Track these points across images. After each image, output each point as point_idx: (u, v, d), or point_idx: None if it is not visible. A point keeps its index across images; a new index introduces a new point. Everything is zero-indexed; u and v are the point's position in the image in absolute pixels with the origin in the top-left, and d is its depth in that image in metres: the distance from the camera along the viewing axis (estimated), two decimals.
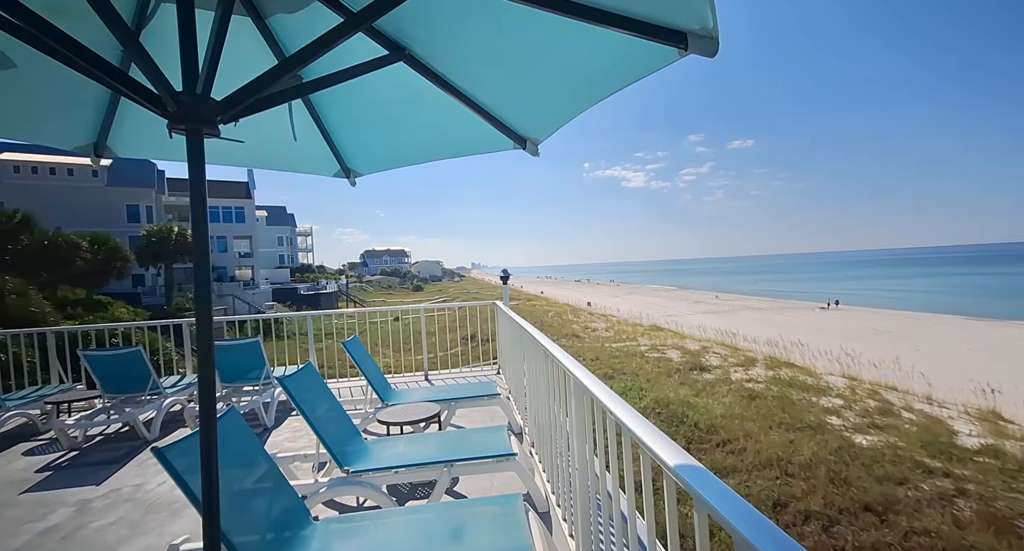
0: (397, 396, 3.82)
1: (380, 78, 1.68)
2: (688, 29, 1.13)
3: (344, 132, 2.33)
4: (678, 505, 1.04)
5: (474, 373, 5.46)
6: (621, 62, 1.41)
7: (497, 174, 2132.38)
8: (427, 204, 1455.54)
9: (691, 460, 1.00)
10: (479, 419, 3.99)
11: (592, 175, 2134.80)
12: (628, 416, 1.32)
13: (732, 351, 12.87)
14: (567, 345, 14.47)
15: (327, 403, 2.89)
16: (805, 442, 5.99)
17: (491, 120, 1.92)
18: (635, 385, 9.25)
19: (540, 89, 1.76)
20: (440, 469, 2.45)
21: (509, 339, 4.25)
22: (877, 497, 4.58)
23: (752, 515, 0.78)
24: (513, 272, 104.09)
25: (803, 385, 8.99)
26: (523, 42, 1.57)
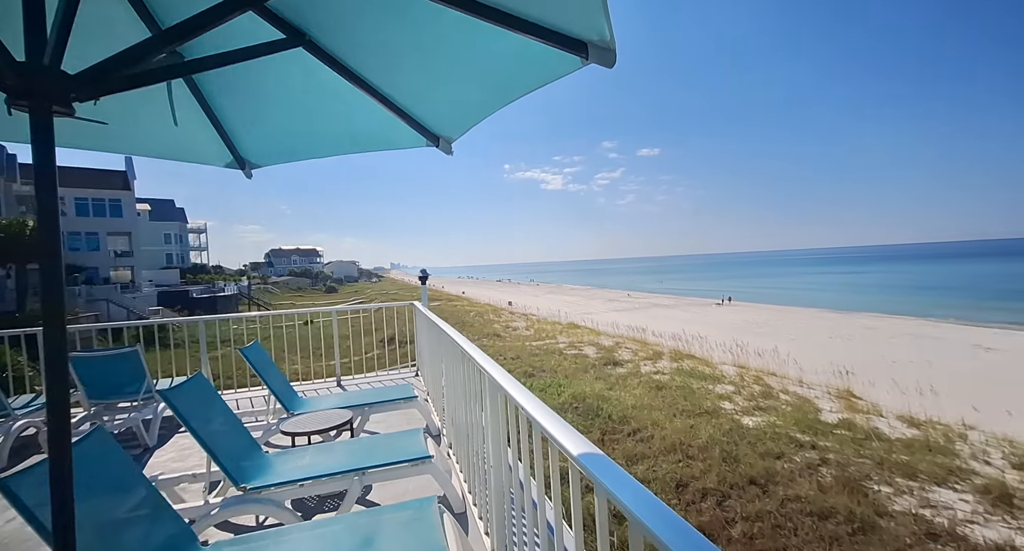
0: (304, 404, 3.58)
1: (279, 65, 1.57)
2: (588, 39, 1.20)
3: (238, 120, 2.13)
4: (588, 492, 1.09)
5: (391, 376, 5.29)
6: (529, 66, 1.45)
7: (415, 172, 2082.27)
8: (340, 201, 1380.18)
9: (594, 450, 1.05)
10: (396, 423, 3.87)
11: (513, 176, 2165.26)
12: (539, 411, 1.35)
13: (642, 346, 13.78)
14: (489, 345, 14.55)
15: (221, 416, 2.62)
16: (703, 426, 6.56)
17: (402, 116, 1.88)
18: (554, 382, 9.53)
19: (451, 87, 1.75)
20: (351, 478, 2.33)
21: (427, 340, 4.17)
22: (760, 471, 5.14)
23: (645, 497, 0.83)
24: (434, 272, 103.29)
25: (702, 375, 9.84)
26: (432, 38, 1.55)
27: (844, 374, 10.09)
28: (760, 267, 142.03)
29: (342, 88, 1.77)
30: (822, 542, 3.87)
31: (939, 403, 8.11)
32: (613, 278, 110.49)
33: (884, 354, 15.41)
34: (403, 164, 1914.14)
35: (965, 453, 5.65)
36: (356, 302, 37.55)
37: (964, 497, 4.58)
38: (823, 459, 5.47)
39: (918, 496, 4.61)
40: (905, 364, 13.70)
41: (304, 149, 2.33)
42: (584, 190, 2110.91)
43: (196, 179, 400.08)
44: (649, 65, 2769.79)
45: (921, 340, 18.06)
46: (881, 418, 7.11)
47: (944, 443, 5.95)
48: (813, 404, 7.81)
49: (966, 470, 5.15)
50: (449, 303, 36.12)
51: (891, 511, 4.32)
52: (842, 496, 4.52)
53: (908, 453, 5.58)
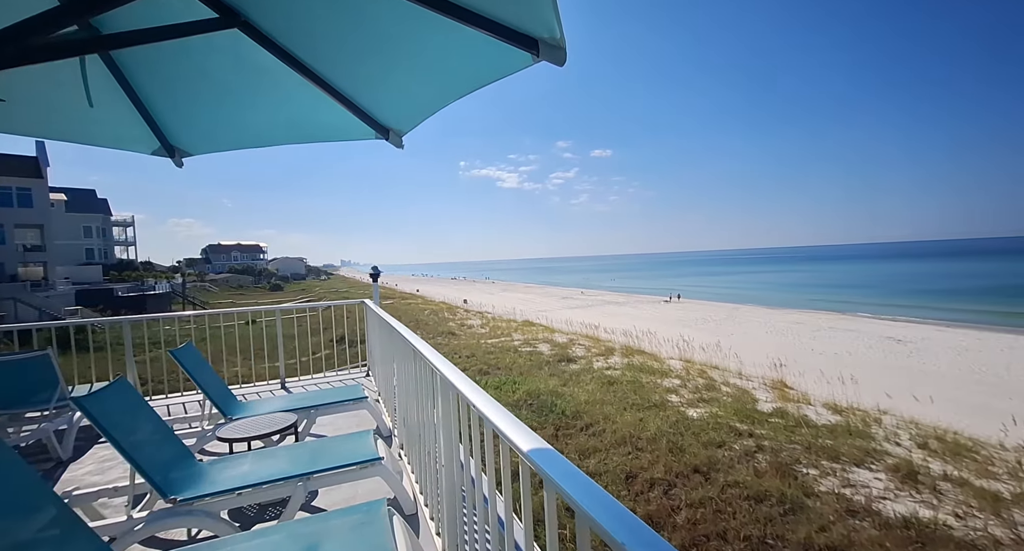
0: (244, 409, 3.38)
1: (212, 46, 1.45)
2: (539, 36, 1.19)
3: (167, 105, 1.96)
4: (540, 487, 1.09)
5: (340, 377, 5.10)
6: (480, 60, 1.44)
7: (369, 167, 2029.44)
8: (288, 195, 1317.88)
9: (543, 445, 1.05)
10: (345, 426, 3.73)
11: (468, 174, 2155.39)
12: (490, 409, 1.34)
13: (595, 342, 14.11)
14: (444, 343, 14.39)
15: (147, 424, 2.42)
16: (651, 419, 6.80)
17: (350, 106, 1.80)
18: (509, 379, 9.56)
19: (401, 79, 1.70)
20: (294, 484, 2.22)
21: (379, 339, 4.05)
22: (703, 460, 5.40)
23: (592, 490, 0.84)
24: (388, 270, 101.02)
25: (651, 369, 10.20)
26: (382, 28, 1.49)
27: (778, 366, 10.81)
28: (707, 266, 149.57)
29: (283, 75, 1.67)
30: (757, 523, 4.11)
31: (858, 391, 8.87)
32: (567, 276, 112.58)
33: (811, 347, 16.67)
34: (356, 158, 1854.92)
35: (880, 436, 6.21)
36: (304, 300, 35.98)
37: (878, 476, 5.03)
38: (759, 446, 5.82)
39: (840, 477, 5.01)
40: (829, 355, 14.88)
41: (242, 138, 2.17)
42: (539, 189, 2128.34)
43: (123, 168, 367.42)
44: (602, 67, 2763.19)
45: (841, 333, 19.69)
46: (809, 406, 7.66)
47: (862, 427, 6.50)
48: (751, 395, 8.30)
49: (880, 451, 5.65)
50: (403, 301, 35.39)
51: (817, 492, 4.66)
52: (775, 480, 4.83)
53: (832, 437, 6.05)
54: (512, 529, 1.24)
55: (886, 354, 15.25)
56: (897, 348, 16.21)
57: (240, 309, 5.43)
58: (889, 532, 3.92)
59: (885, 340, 17.79)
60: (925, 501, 4.50)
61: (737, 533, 3.98)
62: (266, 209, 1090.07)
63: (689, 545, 3.93)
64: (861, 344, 17.07)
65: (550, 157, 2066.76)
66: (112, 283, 39.10)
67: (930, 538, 3.83)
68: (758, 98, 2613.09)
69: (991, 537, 3.88)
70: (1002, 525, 4.05)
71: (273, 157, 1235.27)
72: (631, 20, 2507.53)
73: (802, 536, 3.88)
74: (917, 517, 4.14)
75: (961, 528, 4.02)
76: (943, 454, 5.63)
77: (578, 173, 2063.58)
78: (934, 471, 5.12)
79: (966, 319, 25.25)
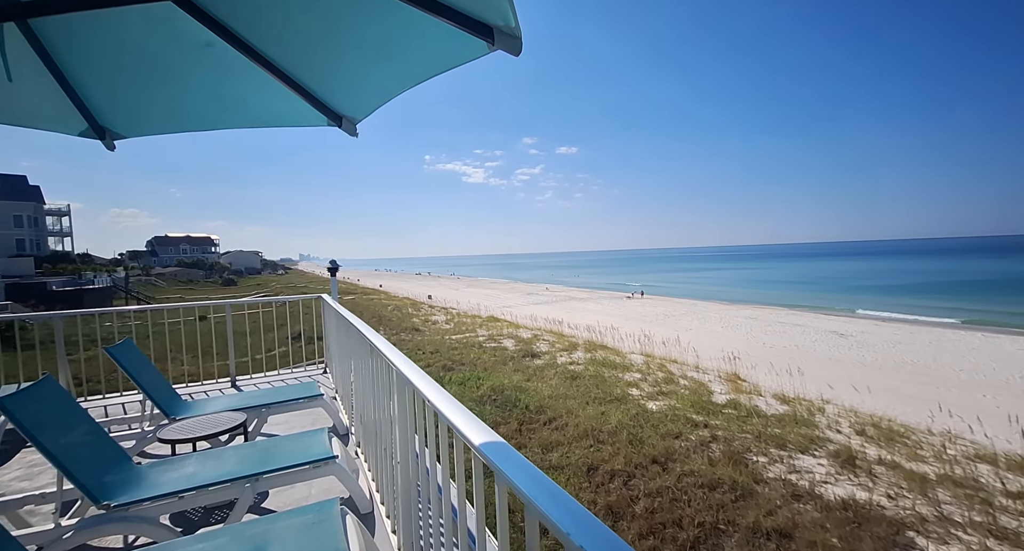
0: (189, 408, 3.20)
1: (145, 19, 1.34)
2: (494, 23, 1.17)
3: (95, 82, 1.80)
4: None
5: (296, 374, 4.92)
6: (436, 47, 1.40)
7: (331, 158, 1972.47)
8: (242, 184, 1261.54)
9: (495, 438, 1.04)
10: (299, 424, 3.61)
11: (434, 168, 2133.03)
12: (444, 404, 1.32)
13: (559, 338, 14.27)
14: (408, 339, 14.18)
15: (78, 425, 2.25)
16: (613, 412, 6.94)
17: (299, 91, 1.71)
18: (473, 375, 9.53)
19: (354, 64, 1.63)
20: (241, 485, 2.12)
21: (336, 335, 3.93)
22: (661, 451, 5.56)
23: (541, 482, 0.83)
24: (351, 265, 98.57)
25: (613, 364, 10.42)
26: (333, 10, 1.42)
27: (732, 359, 11.28)
28: (670, 263, 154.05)
29: (226, 55, 1.56)
30: (711, 510, 4.28)
31: (804, 382, 9.38)
32: (533, 272, 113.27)
33: (763, 340, 17.49)
34: (316, 149, 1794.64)
35: (823, 424, 6.59)
36: (258, 295, 34.54)
37: (820, 462, 5.34)
38: (713, 436, 6.06)
39: (787, 463, 5.28)
40: (779, 349, 15.67)
41: (181, 120, 2.03)
42: (505, 185, 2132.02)
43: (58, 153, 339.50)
44: (569, 63, 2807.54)
45: (791, 328, 20.75)
46: (760, 397, 8.04)
47: (807, 416, 6.88)
48: (707, 387, 8.62)
49: (823, 439, 6.00)
50: (365, 297, 34.61)
51: (766, 478, 4.90)
52: (728, 468, 5.03)
53: (780, 427, 6.38)
54: (465, 518, 1.23)
55: (830, 347, 16.20)
56: (840, 341, 17.25)
57: (187, 304, 5.13)
58: (829, 514, 4.16)
59: (829, 334, 18.88)
60: (862, 484, 4.80)
61: (692, 520, 4.12)
62: (218, 200, 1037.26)
63: (647, 533, 4.05)
64: (808, 338, 18.06)
65: (516, 153, 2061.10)
66: (46, 277, 36.26)
67: (865, 518, 4.10)
68: (732, 95, 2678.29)
69: (918, 515, 4.19)
70: (928, 504, 4.39)
71: (226, 144, 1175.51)
72: (598, 16, 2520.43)
73: (751, 520, 4.06)
74: (855, 499, 4.42)
75: (893, 508, 4.32)
76: (878, 440, 6.04)
77: (544, 170, 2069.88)
78: (870, 456, 5.48)
79: (903, 314, 27.20)
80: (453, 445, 1.23)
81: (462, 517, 1.21)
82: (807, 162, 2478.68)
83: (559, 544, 0.70)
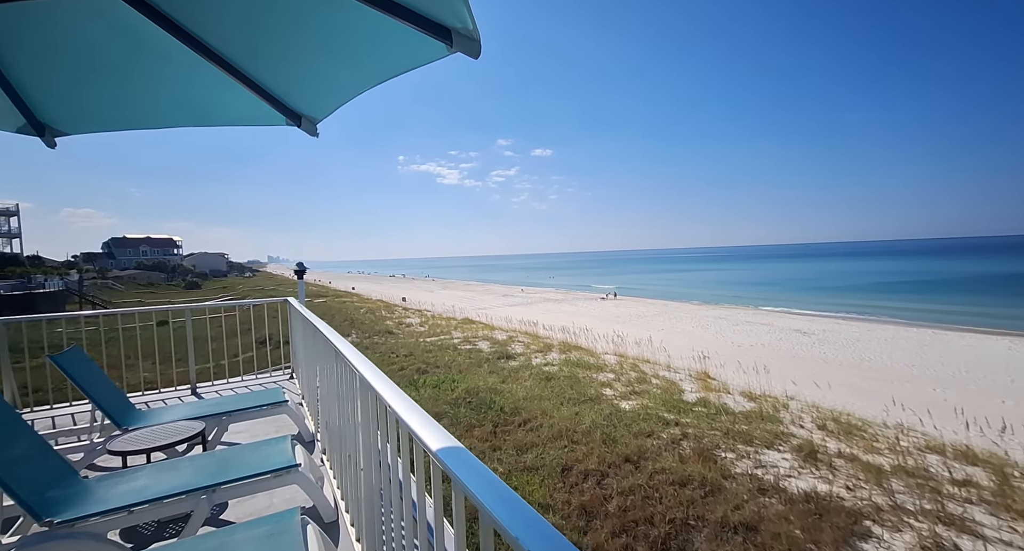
0: (143, 418, 3.05)
1: (86, 11, 1.27)
2: (451, 26, 1.17)
3: (31, 75, 1.69)
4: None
5: (261, 381, 4.76)
6: (395, 48, 1.38)
7: (300, 158, 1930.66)
8: (207, 185, 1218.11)
9: (454, 444, 1.03)
10: (263, 432, 3.49)
11: (408, 168, 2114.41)
12: (405, 410, 1.30)
13: (534, 339, 14.30)
14: (381, 342, 13.96)
15: (17, 438, 2.12)
16: (587, 412, 6.99)
17: (256, 90, 1.65)
18: (448, 377, 9.45)
19: (312, 63, 1.59)
20: (197, 497, 2.03)
21: (302, 340, 3.82)
22: (634, 449, 5.63)
23: (497, 489, 0.83)
24: (322, 267, 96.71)
25: (587, 364, 10.51)
26: (287, 9, 1.38)
27: (702, 358, 11.55)
28: (644, 264, 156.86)
29: (174, 50, 1.49)
30: (681, 506, 4.35)
31: (770, 379, 9.68)
32: (508, 274, 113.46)
33: (732, 339, 17.99)
34: (285, 149, 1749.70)
35: (787, 420, 6.81)
36: (224, 299, 33.40)
37: (785, 456, 5.51)
38: (684, 434, 6.17)
39: (753, 459, 5.43)
40: (746, 347, 16.14)
41: (129, 117, 1.93)
42: (480, 186, 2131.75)
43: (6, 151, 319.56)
44: (546, 67, 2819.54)
45: (758, 327, 21.43)
46: (729, 395, 8.25)
47: (773, 412, 7.10)
48: (678, 386, 8.79)
49: (787, 434, 6.20)
50: (337, 299, 33.91)
51: (734, 473, 5.02)
52: (697, 465, 5.14)
53: (747, 423, 6.56)
54: (425, 519, 1.21)
55: (794, 345, 16.79)
56: (803, 339, 17.90)
57: (145, 308, 4.90)
58: (793, 507, 4.30)
59: (793, 332, 19.58)
60: (823, 477, 4.98)
61: (663, 516, 4.19)
62: (182, 200, 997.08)
63: (620, 531, 4.08)
64: (773, 336, 18.67)
65: (491, 154, 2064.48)
66: None
67: (826, 509, 4.25)
68: (714, 95, 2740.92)
69: (874, 505, 4.37)
70: (883, 494, 4.58)
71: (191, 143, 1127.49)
72: (574, 19, 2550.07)
73: (719, 515, 4.16)
74: (816, 491, 4.58)
75: (851, 499, 4.49)
76: (838, 434, 6.28)
77: (519, 171, 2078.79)
78: (831, 449, 5.69)
79: (862, 312, 28.47)
80: (413, 450, 1.21)
81: (421, 516, 1.19)
82: (788, 162, 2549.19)
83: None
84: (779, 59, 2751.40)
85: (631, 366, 10.46)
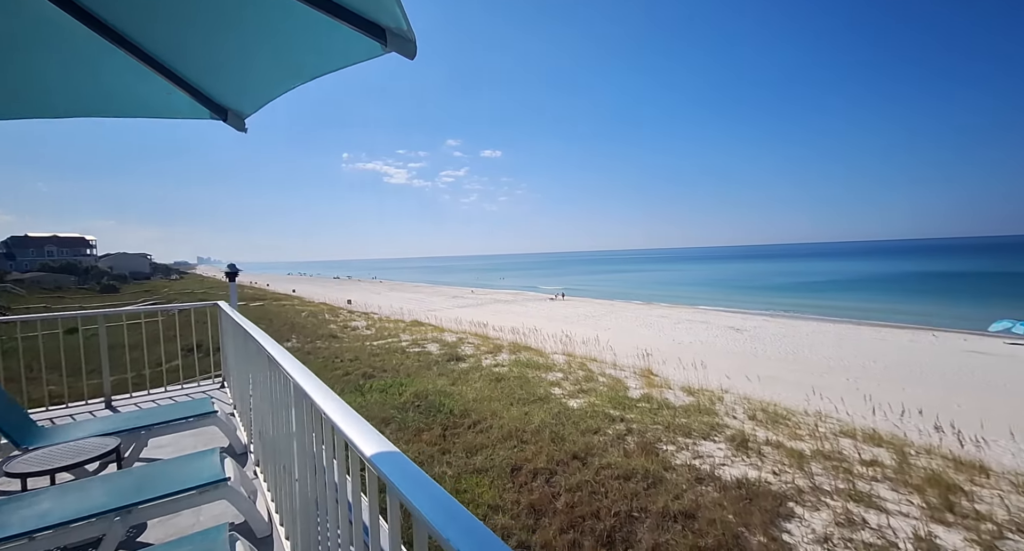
0: (48, 436, 2.75)
1: None
2: (385, 25, 1.15)
3: None
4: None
5: (187, 391, 4.42)
6: (327, 45, 1.34)
7: (236, 154, 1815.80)
8: (130, 181, 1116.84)
9: (390, 449, 1.01)
10: (189, 446, 3.24)
11: (353, 167, 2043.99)
12: (341, 416, 1.25)
13: (484, 340, 14.29)
14: (324, 347, 13.41)
15: None
16: (536, 412, 7.07)
17: (174, 80, 1.53)
18: (396, 381, 9.23)
19: (239, 56, 1.50)
20: (109, 520, 1.85)
21: (234, 346, 3.59)
22: (581, 446, 5.76)
23: (434, 494, 0.82)
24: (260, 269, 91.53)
25: (536, 364, 10.63)
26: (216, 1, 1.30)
27: (646, 356, 12.04)
28: (593, 265, 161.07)
29: (77, 32, 1.36)
30: (625, 499, 4.50)
31: (707, 374, 10.26)
32: (458, 275, 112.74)
33: (673, 337, 18.89)
34: (220, 145, 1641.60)
35: (722, 412, 7.24)
36: (147, 303, 30.72)
37: (720, 446, 5.85)
38: (628, 429, 6.40)
39: (692, 450, 5.72)
40: (686, 344, 17.00)
41: (25, 104, 1.72)
42: (429, 186, 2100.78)
43: None
44: (494, 73, 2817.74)
45: (696, 325, 22.65)
46: (670, 390, 8.65)
47: (709, 405, 7.52)
48: (623, 383, 9.10)
49: (722, 425, 6.59)
50: (276, 303, 32.20)
51: (674, 465, 5.26)
52: (641, 458, 5.34)
53: (686, 416, 6.90)
54: (360, 513, 1.18)
55: (729, 341, 17.89)
56: (737, 336, 19.11)
57: (49, 314, 4.40)
58: (727, 493, 4.57)
59: (728, 329, 20.86)
60: (753, 463, 5.34)
61: (609, 510, 4.31)
62: (100, 197, 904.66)
63: (567, 527, 4.16)
64: (711, 334, 19.80)
65: (441, 155, 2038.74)
66: None
67: (756, 494, 4.56)
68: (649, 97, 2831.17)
69: (797, 487, 4.74)
70: (804, 477, 4.98)
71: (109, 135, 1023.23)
72: (520, 19, 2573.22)
73: (661, 506, 4.34)
74: (747, 478, 4.90)
75: (777, 483, 4.85)
76: (766, 423, 6.76)
77: (469, 172, 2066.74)
78: (760, 438, 6.11)
79: (790, 310, 30.82)
80: (349, 457, 1.17)
81: (357, 517, 1.16)
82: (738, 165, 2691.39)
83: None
84: (740, 52, 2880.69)
85: (579, 365, 10.71)
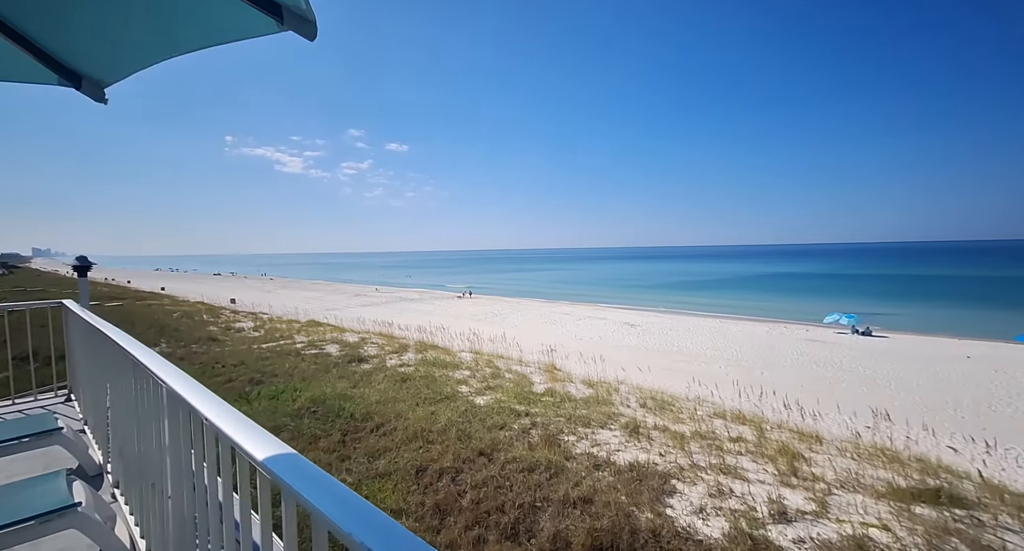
0: None
1: None
2: (283, 2, 1.06)
3: None
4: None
5: (21, 407, 3.66)
6: (215, 16, 1.20)
7: (86, 129, 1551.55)
8: None
9: (284, 450, 0.94)
10: (24, 470, 2.69)
11: (238, 151, 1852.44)
12: (225, 421, 1.13)
13: (388, 340, 13.80)
14: (201, 352, 11.94)
15: None
16: (443, 411, 7.00)
17: (8, 32, 1.26)
18: (289, 386, 8.54)
19: (103, 18, 1.28)
20: None
21: (85, 351, 3.05)
22: (487, 443, 5.83)
23: (335, 491, 0.78)
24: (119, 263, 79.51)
25: (443, 363, 10.53)
26: None
27: (550, 351, 12.56)
28: (501, 263, 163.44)
29: None
30: (529, 491, 4.65)
31: (605, 367, 11.00)
32: (362, 272, 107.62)
33: (575, 333, 19.94)
34: (71, 115, 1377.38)
35: (617, 402, 7.81)
36: None
37: (615, 434, 6.31)
38: (533, 423, 6.61)
39: (590, 439, 6.09)
40: (587, 339, 18.07)
41: None
42: (328, 177, 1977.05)
43: None
44: (396, 58, 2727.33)
45: (596, 321, 24.17)
46: (572, 383, 9.11)
47: (606, 396, 8.07)
48: (529, 379, 9.38)
49: (617, 414, 7.11)
50: (140, 302, 27.95)
51: (575, 454, 5.56)
52: (544, 450, 5.55)
53: (586, 407, 7.32)
54: (249, 531, 1.07)
55: (624, 336, 19.37)
56: (631, 331, 20.76)
57: None
58: (620, 476, 4.94)
59: (624, 325, 22.57)
60: (643, 447, 5.84)
61: (513, 503, 4.42)
62: None
63: (473, 523, 4.18)
64: (608, 329, 21.25)
65: (341, 145, 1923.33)
66: None
67: (645, 474, 4.99)
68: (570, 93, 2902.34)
69: (678, 466, 5.28)
70: (685, 456, 5.57)
71: None
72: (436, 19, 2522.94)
73: (562, 494, 4.56)
74: (638, 461, 5.34)
75: (663, 463, 5.35)
76: (655, 409, 7.43)
77: (372, 165, 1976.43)
78: (649, 423, 6.70)
79: (676, 306, 34.20)
80: (237, 464, 1.06)
81: (246, 535, 1.05)
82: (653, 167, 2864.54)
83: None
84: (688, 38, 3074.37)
85: (486, 362, 10.82)
